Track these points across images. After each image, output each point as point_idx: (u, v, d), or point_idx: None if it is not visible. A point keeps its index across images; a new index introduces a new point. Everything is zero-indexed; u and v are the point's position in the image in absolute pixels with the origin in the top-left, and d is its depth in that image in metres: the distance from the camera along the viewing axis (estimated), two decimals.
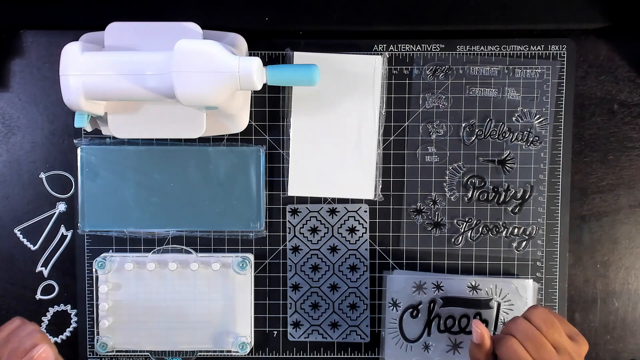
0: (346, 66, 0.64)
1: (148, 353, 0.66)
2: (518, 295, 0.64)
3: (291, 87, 0.64)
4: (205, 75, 0.51)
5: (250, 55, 0.63)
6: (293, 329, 0.67)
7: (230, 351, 0.65)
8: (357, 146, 0.64)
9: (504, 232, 0.66)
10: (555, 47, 0.64)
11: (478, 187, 0.66)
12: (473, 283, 0.65)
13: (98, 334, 0.65)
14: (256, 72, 0.52)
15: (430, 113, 0.65)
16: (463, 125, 0.65)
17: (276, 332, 0.67)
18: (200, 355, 0.66)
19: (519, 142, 0.65)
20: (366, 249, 0.66)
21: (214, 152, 0.65)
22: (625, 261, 0.66)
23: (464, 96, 0.65)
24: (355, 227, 0.66)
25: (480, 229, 0.66)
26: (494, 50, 0.64)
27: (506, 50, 0.64)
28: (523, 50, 0.64)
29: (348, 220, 0.66)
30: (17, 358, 0.51)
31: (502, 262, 0.66)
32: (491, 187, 0.65)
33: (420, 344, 0.65)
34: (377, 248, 0.66)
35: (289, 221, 0.66)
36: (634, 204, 0.66)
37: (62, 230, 0.66)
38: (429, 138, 0.65)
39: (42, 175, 0.66)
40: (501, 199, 0.66)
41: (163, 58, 0.52)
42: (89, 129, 0.63)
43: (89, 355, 0.67)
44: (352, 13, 0.63)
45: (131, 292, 0.65)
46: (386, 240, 0.66)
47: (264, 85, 0.55)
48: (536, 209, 0.65)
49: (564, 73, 0.64)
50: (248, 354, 0.66)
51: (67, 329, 0.67)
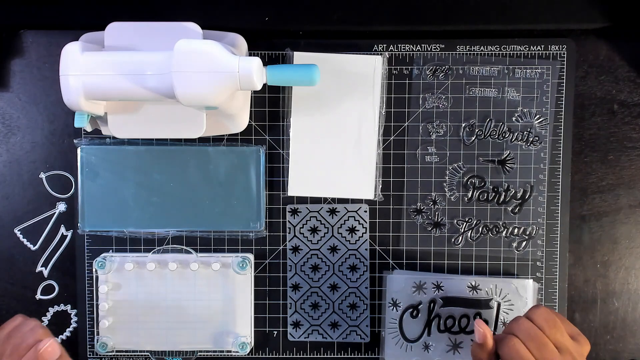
0: (346, 66, 0.64)
1: (148, 353, 0.66)
2: (518, 295, 0.64)
3: (291, 87, 0.64)
4: (205, 75, 0.51)
5: (250, 55, 0.63)
6: (293, 329, 0.67)
7: (230, 351, 0.65)
8: (357, 146, 0.64)
9: (504, 232, 0.66)
10: (555, 47, 0.64)
11: (478, 187, 0.65)
12: (473, 283, 0.65)
13: (98, 334, 0.65)
14: (256, 72, 0.52)
15: (430, 113, 0.65)
16: (463, 125, 0.65)
17: (276, 332, 0.67)
18: (200, 355, 0.66)
19: (519, 142, 0.65)
20: (366, 249, 0.66)
21: (214, 152, 0.65)
22: (625, 261, 0.66)
23: (464, 96, 0.65)
24: (355, 227, 0.66)
25: (480, 229, 0.66)
26: (494, 50, 0.64)
27: (506, 50, 0.64)
28: (523, 50, 0.64)
29: (348, 220, 0.66)
30: (20, 354, 0.51)
31: (502, 262, 0.66)
32: (491, 187, 0.65)
33: (420, 344, 0.65)
34: (377, 248, 0.66)
35: (289, 221, 0.66)
36: (634, 204, 0.66)
37: (62, 230, 0.66)
38: (429, 138, 0.65)
39: (42, 175, 0.66)
40: (501, 199, 0.66)
41: (163, 58, 0.52)
42: (89, 129, 0.63)
43: (89, 355, 0.67)
44: (352, 13, 0.63)
45: (131, 292, 0.65)
46: (386, 240, 0.66)
47: (264, 85, 0.55)
48: (536, 209, 0.65)
49: (564, 73, 0.64)
50: (248, 354, 0.66)
51: (67, 329, 0.67)
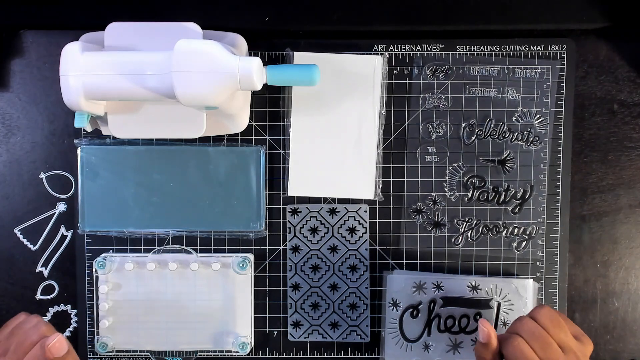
0: (346, 66, 0.64)
1: (148, 353, 0.66)
2: (518, 295, 0.64)
3: (291, 87, 0.64)
4: (205, 75, 0.51)
5: (250, 55, 0.63)
6: (293, 329, 0.67)
7: (230, 351, 0.65)
8: (357, 146, 0.64)
9: (504, 232, 0.66)
10: (555, 47, 0.64)
11: (478, 187, 0.65)
12: (473, 283, 0.65)
13: (98, 334, 0.65)
14: (256, 72, 0.52)
15: (430, 113, 0.65)
16: (463, 125, 0.65)
17: (276, 332, 0.67)
18: (200, 355, 0.66)
19: (519, 142, 0.65)
20: (366, 249, 0.66)
21: (214, 152, 0.65)
22: (625, 261, 0.66)
23: (464, 96, 0.65)
24: (355, 227, 0.66)
25: (480, 229, 0.66)
26: (494, 50, 0.64)
27: (506, 50, 0.64)
28: (523, 50, 0.64)
29: (348, 220, 0.66)
30: (24, 351, 0.51)
31: (502, 262, 0.66)
32: (491, 187, 0.65)
33: (420, 344, 0.65)
34: (377, 248, 0.66)
35: (289, 221, 0.66)
36: (634, 204, 0.66)
37: (62, 230, 0.66)
38: (429, 138, 0.65)
39: (42, 175, 0.66)
40: (501, 199, 0.66)
41: (163, 58, 0.52)
42: (89, 129, 0.63)
43: (89, 355, 0.67)
44: (352, 13, 0.63)
45: (131, 292, 0.65)
46: (386, 240, 0.66)
47: (264, 85, 0.55)
48: (536, 209, 0.65)
49: (564, 73, 0.64)
50: (248, 354, 0.66)
51: (67, 329, 0.67)
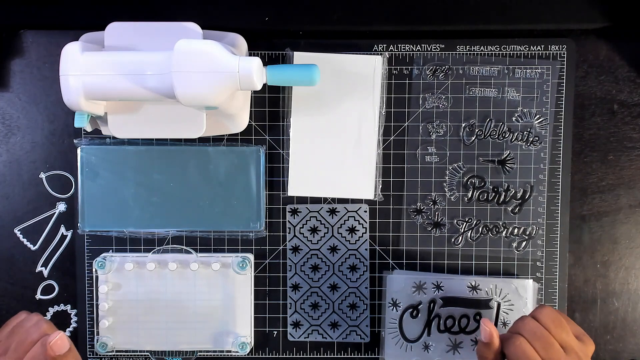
0: (346, 66, 0.64)
1: (148, 353, 0.66)
2: (518, 295, 0.64)
3: (291, 87, 0.64)
4: (205, 75, 0.51)
5: (250, 55, 0.63)
6: (293, 329, 0.67)
7: (230, 351, 0.65)
8: (357, 146, 0.64)
9: (504, 232, 0.66)
10: (555, 47, 0.64)
11: (478, 187, 0.65)
12: (473, 283, 0.65)
13: (98, 334, 0.65)
14: (256, 72, 0.52)
15: (430, 113, 0.65)
16: (463, 125, 0.65)
17: (276, 332, 0.67)
18: (200, 355, 0.66)
19: (519, 142, 0.65)
20: (366, 249, 0.66)
21: (214, 152, 0.65)
22: (625, 261, 0.66)
23: (464, 96, 0.65)
24: (355, 227, 0.66)
25: (480, 229, 0.66)
26: (494, 50, 0.64)
27: (506, 50, 0.64)
28: (523, 50, 0.64)
29: (348, 220, 0.66)
30: (25, 349, 0.51)
31: (502, 262, 0.66)
32: (491, 187, 0.65)
33: (420, 344, 0.65)
34: (377, 248, 0.66)
35: (289, 221, 0.66)
36: (634, 204, 0.66)
37: (62, 230, 0.66)
38: (429, 138, 0.65)
39: (42, 175, 0.66)
40: (501, 199, 0.66)
41: (163, 58, 0.52)
42: (89, 129, 0.63)
43: (89, 355, 0.67)
44: (352, 13, 0.63)
45: (131, 292, 0.65)
46: (386, 240, 0.66)
47: (264, 85, 0.55)
48: (536, 209, 0.65)
49: (564, 73, 0.64)
50: (248, 354, 0.66)
51: (67, 329, 0.67)
